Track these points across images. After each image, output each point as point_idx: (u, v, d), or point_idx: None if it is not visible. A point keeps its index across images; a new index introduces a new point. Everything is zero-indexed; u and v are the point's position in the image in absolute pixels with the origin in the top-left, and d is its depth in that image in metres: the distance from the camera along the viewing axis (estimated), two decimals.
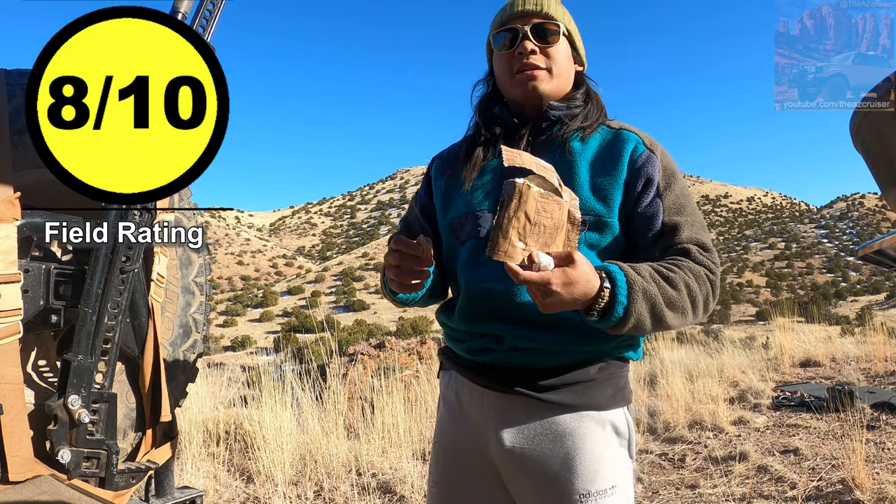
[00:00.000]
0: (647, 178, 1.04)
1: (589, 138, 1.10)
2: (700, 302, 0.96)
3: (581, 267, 0.82)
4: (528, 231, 0.81)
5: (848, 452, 3.07)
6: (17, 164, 1.35)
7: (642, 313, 0.88)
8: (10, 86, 1.38)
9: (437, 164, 1.27)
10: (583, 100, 1.15)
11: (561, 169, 1.03)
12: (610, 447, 1.02)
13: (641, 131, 1.11)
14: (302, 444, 3.53)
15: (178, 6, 1.42)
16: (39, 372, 1.60)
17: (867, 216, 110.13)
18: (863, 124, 1.07)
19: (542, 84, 1.10)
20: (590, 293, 0.84)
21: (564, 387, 1.02)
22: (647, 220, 1.03)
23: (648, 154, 1.06)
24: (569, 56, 1.13)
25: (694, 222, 1.04)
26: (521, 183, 0.80)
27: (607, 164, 1.06)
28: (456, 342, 1.13)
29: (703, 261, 0.99)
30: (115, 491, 1.39)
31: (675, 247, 1.01)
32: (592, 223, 1.03)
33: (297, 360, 7.30)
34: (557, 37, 1.10)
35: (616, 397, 1.05)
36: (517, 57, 1.10)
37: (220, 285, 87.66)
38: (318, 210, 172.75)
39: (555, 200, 0.83)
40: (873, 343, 7.20)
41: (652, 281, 0.91)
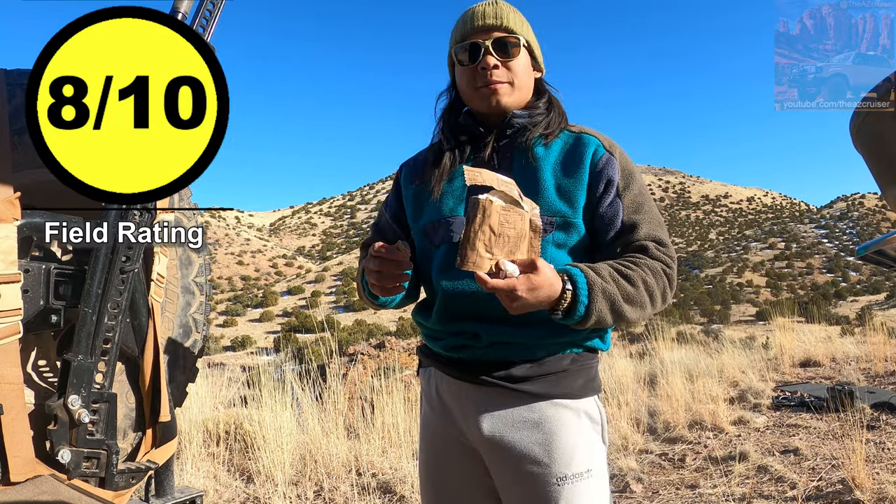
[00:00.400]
0: (607, 180, 1.10)
1: (552, 143, 1.15)
2: (658, 295, 1.04)
3: (544, 272, 0.90)
4: (494, 242, 0.88)
5: (848, 452, 3.07)
6: (17, 164, 1.35)
7: (602, 310, 0.96)
8: (10, 86, 1.38)
9: (405, 171, 1.30)
10: (545, 107, 1.19)
11: (526, 174, 1.11)
12: (584, 433, 1.08)
13: (601, 133, 1.16)
14: (302, 444, 3.53)
15: (178, 6, 1.42)
16: (39, 372, 1.60)
17: (867, 216, 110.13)
18: (863, 124, 1.07)
19: (505, 97, 1.14)
20: (553, 295, 0.92)
21: (539, 377, 1.08)
22: (608, 220, 1.10)
23: (608, 156, 1.12)
24: (529, 66, 1.17)
25: (651, 220, 1.11)
26: (483, 199, 0.87)
27: (570, 168, 1.12)
28: (434, 340, 1.18)
29: (659, 256, 1.07)
30: (115, 491, 1.39)
31: (634, 244, 1.08)
32: (559, 224, 1.09)
33: (297, 360, 7.30)
34: (518, 49, 1.13)
35: (587, 386, 1.12)
36: (480, 72, 1.13)
37: (220, 285, 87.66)
38: (318, 210, 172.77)
39: (516, 212, 0.90)
40: (873, 343, 7.20)
41: (611, 280, 0.98)
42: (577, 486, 1.05)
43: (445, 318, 1.14)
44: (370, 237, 1.35)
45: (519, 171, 1.12)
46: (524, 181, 1.09)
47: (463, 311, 1.11)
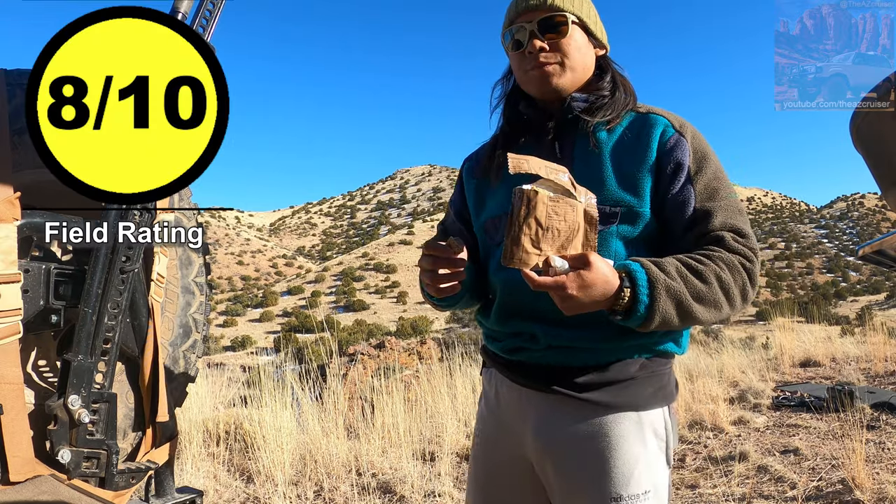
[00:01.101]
0: (676, 163, 1.00)
1: (616, 126, 1.06)
2: (735, 293, 0.93)
3: (597, 268, 0.82)
4: (541, 236, 0.81)
5: (848, 452, 3.07)
6: (17, 164, 1.35)
7: (667, 310, 0.87)
8: (10, 86, 1.38)
9: (468, 165, 1.25)
10: (609, 88, 1.10)
11: (588, 161, 1.03)
12: (646, 450, 0.99)
13: (671, 113, 1.07)
14: (302, 444, 3.52)
15: (178, 6, 1.42)
16: (39, 372, 1.60)
17: (867, 216, 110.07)
18: (863, 124, 1.07)
19: (556, 79, 1.06)
20: (608, 293, 0.84)
21: (602, 385, 0.99)
22: (678, 208, 1.00)
23: (678, 137, 1.02)
24: (583, 45, 1.08)
25: (728, 206, 0.99)
26: (528, 189, 0.80)
27: (635, 151, 1.02)
28: (492, 341, 1.12)
29: (737, 248, 0.95)
30: (115, 491, 1.39)
31: (709, 234, 0.97)
32: (623, 214, 0.99)
33: (297, 360, 7.31)
34: (566, 28, 1.05)
35: (657, 396, 1.02)
36: (527, 56, 1.07)
37: (220, 285, 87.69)
38: (318, 210, 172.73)
39: (567, 202, 0.82)
40: (873, 343, 7.20)
41: (678, 276, 0.89)
42: None
43: (503, 318, 1.07)
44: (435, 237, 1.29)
45: (580, 158, 1.05)
46: (585, 169, 1.02)
47: (520, 310, 1.04)
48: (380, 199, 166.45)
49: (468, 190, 1.22)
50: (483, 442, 1.15)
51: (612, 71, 1.13)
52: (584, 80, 1.10)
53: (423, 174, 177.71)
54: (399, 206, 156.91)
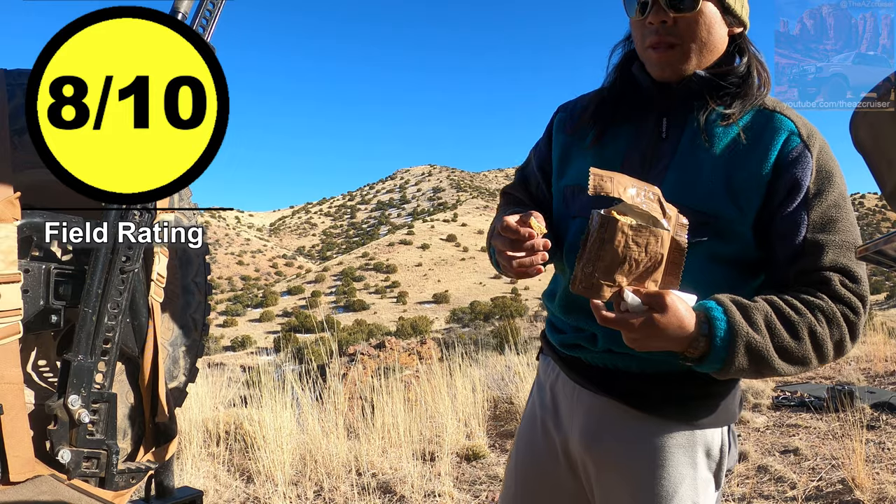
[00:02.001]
0: (794, 181, 0.86)
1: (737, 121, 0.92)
2: (829, 349, 0.81)
3: (673, 312, 0.73)
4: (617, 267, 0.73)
5: (848, 452, 3.07)
6: (17, 164, 1.35)
7: (743, 365, 0.77)
8: (10, 86, 1.38)
9: (560, 116, 1.10)
10: (742, 74, 0.95)
11: (694, 154, 0.91)
12: (695, 470, 0.92)
13: (801, 117, 0.94)
14: (302, 444, 3.52)
15: (178, 6, 1.42)
16: (39, 372, 1.60)
17: (867, 216, 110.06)
18: (863, 124, 1.07)
19: (676, 63, 0.92)
20: (682, 339, 0.75)
21: (660, 399, 0.92)
22: (785, 234, 0.86)
23: (802, 149, 0.88)
24: (715, 23, 0.92)
25: (843, 242, 0.85)
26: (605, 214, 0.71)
27: (751, 157, 0.88)
28: (554, 331, 1.05)
29: (843, 296, 0.83)
30: (115, 491, 1.39)
31: (814, 273, 0.84)
32: (719, 228, 0.87)
33: (297, 360, 7.31)
34: (698, 2, 0.89)
35: (717, 415, 0.94)
36: (648, 28, 0.91)
37: (220, 285, 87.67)
38: (318, 210, 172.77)
39: (650, 232, 0.73)
40: (873, 343, 7.20)
41: (765, 328, 0.78)
42: None
43: (566, 307, 0.99)
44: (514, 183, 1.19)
45: (687, 150, 0.92)
46: (689, 164, 0.90)
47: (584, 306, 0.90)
48: (380, 199, 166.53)
49: (556, 144, 1.08)
50: (530, 431, 1.09)
51: (749, 54, 0.98)
52: (710, 62, 0.95)
53: (423, 174, 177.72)
54: (399, 206, 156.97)
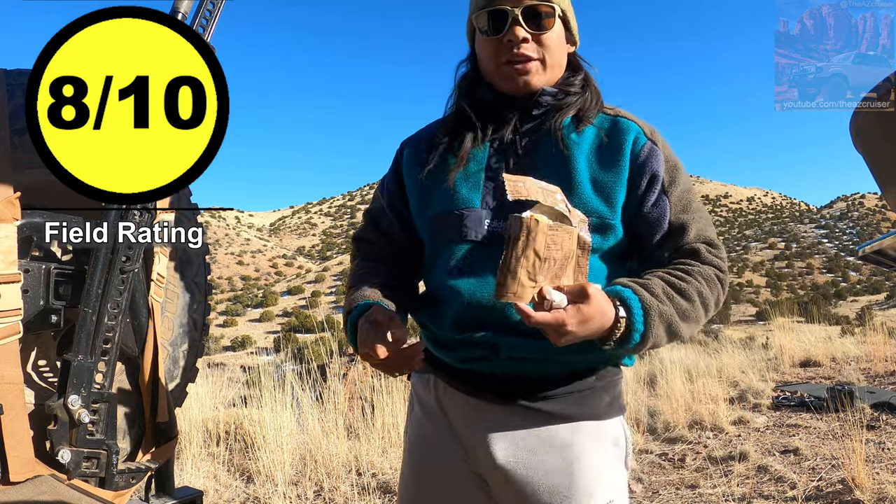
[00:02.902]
0: (651, 174, 0.96)
1: (586, 128, 0.99)
2: (712, 305, 0.93)
3: (596, 301, 0.78)
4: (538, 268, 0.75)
5: (848, 452, 3.07)
6: (17, 164, 1.35)
7: (659, 334, 0.85)
8: (10, 86, 1.38)
9: (409, 151, 1.11)
10: (580, 86, 1.03)
11: (557, 164, 0.97)
12: (607, 460, 0.98)
13: (640, 119, 1.02)
14: (302, 444, 3.53)
15: (178, 6, 1.42)
16: (39, 372, 1.60)
17: (867, 216, 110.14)
18: (863, 124, 1.07)
19: (535, 78, 0.98)
20: (605, 325, 0.80)
21: (563, 396, 0.96)
22: (653, 221, 0.96)
23: (651, 146, 0.97)
24: (563, 40, 1.01)
25: (701, 218, 0.98)
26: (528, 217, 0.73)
27: (608, 159, 0.97)
28: (443, 349, 1.02)
29: (712, 260, 0.95)
30: (115, 491, 1.39)
31: (684, 247, 0.96)
32: (595, 225, 0.94)
33: (297, 360, 7.30)
34: (553, 20, 0.97)
35: (613, 406, 1.01)
36: (505, 45, 0.97)
37: (220, 285, 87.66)
38: (318, 210, 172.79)
39: (565, 230, 0.77)
40: (873, 343, 7.21)
41: (666, 298, 0.87)
42: None
43: (461, 327, 0.98)
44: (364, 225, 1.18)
45: (548, 161, 0.98)
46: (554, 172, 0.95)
47: (481, 320, 0.95)
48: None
49: (409, 180, 1.08)
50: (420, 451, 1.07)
51: (583, 70, 1.06)
52: (557, 77, 1.03)
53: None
54: None
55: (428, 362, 1.06)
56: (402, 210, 1.11)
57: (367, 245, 1.17)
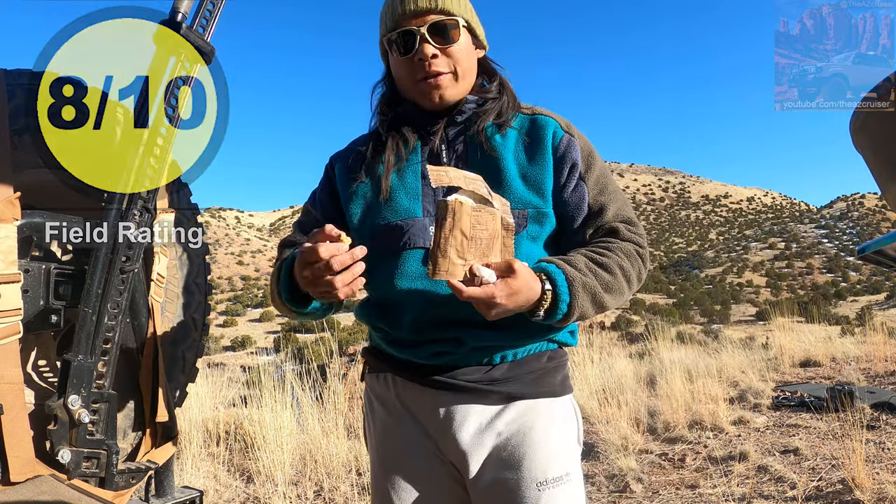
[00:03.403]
0: (571, 163, 1.05)
1: (507, 129, 1.07)
2: (634, 278, 1.01)
3: (522, 275, 0.84)
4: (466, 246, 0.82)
5: (848, 452, 3.07)
6: (17, 164, 1.35)
7: (585, 305, 0.92)
8: (10, 86, 1.38)
9: (339, 166, 1.14)
10: (497, 90, 1.10)
11: (487, 165, 1.03)
12: (562, 434, 1.04)
13: (554, 113, 1.10)
14: (302, 444, 3.53)
15: (178, 6, 1.42)
16: (39, 372, 1.60)
17: (867, 216, 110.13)
18: (863, 124, 1.07)
19: (449, 90, 1.04)
20: (532, 298, 0.87)
21: (519, 378, 1.03)
22: (574, 205, 1.05)
23: (568, 138, 1.06)
24: (470, 48, 1.06)
25: (617, 199, 1.06)
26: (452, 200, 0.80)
27: (532, 154, 1.05)
28: (401, 348, 1.06)
29: (630, 237, 1.03)
30: (115, 491, 1.39)
31: (604, 227, 1.04)
32: (532, 216, 1.02)
33: (297, 360, 7.30)
34: (458, 32, 1.02)
35: (564, 384, 1.08)
36: (417, 63, 1.02)
37: (220, 285, 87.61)
38: None
39: (487, 211, 0.84)
40: (873, 343, 7.21)
41: (588, 272, 0.94)
42: (556, 491, 0.99)
43: (421, 329, 1.02)
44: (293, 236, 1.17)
45: (478, 163, 1.04)
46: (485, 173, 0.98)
47: (443, 319, 1.00)
48: None
49: (344, 194, 1.11)
50: (388, 448, 1.09)
51: (496, 73, 1.12)
52: (471, 84, 1.08)
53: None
54: None
55: (383, 361, 1.11)
56: (336, 220, 1.11)
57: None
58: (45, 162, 1.43)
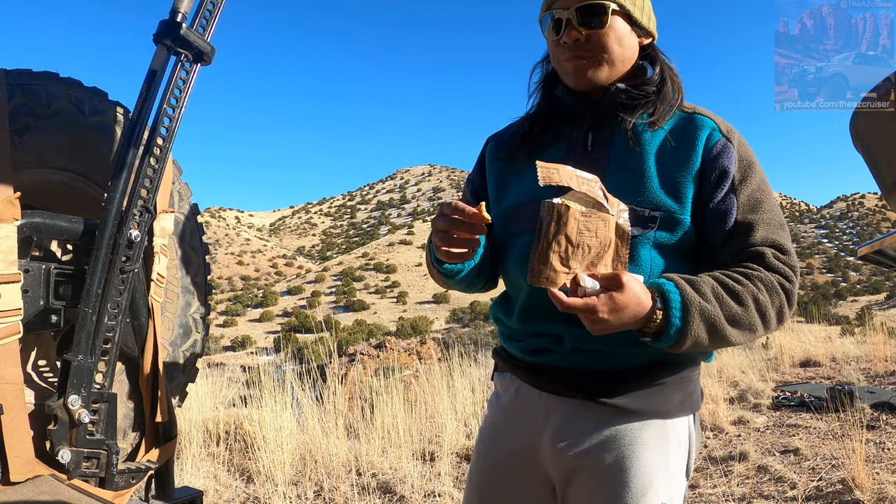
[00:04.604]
0: (721, 171, 0.95)
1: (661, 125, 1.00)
2: (771, 315, 0.89)
3: (630, 289, 0.77)
4: (571, 253, 0.76)
5: (848, 452, 3.07)
6: (17, 164, 1.35)
7: (700, 334, 0.83)
8: (10, 86, 1.38)
9: (492, 145, 1.17)
10: (657, 82, 1.03)
11: (627, 160, 0.98)
12: (668, 460, 0.96)
13: (718, 116, 1.01)
14: (302, 444, 3.53)
15: (178, 6, 1.42)
16: (39, 372, 1.60)
17: (867, 216, 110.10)
18: (863, 124, 1.07)
19: (592, 73, 1.00)
20: (640, 315, 0.79)
21: (629, 391, 0.95)
22: (718, 218, 0.94)
23: (725, 142, 0.96)
24: (624, 36, 1.01)
25: (771, 220, 0.94)
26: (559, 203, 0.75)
27: (679, 154, 0.97)
28: (512, 342, 1.05)
29: (777, 267, 0.91)
30: (115, 491, 1.39)
31: (748, 250, 0.92)
32: (662, 220, 0.93)
33: (296, 360, 7.30)
34: (606, 18, 0.98)
35: (684, 404, 0.99)
36: (563, 46, 1.00)
37: (220, 285, 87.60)
38: (318, 210, 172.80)
39: (599, 217, 0.78)
40: (873, 343, 7.21)
41: (713, 298, 0.84)
42: None
43: (527, 317, 1.01)
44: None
45: (619, 157, 0.99)
46: (624, 169, 0.97)
47: (546, 311, 0.95)
48: (380, 199, 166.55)
49: (490, 172, 1.14)
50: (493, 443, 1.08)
51: (660, 63, 1.06)
52: (623, 72, 1.03)
53: (423, 174, 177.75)
54: (399, 206, 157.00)
55: (502, 359, 1.10)
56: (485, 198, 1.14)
57: None
58: (45, 162, 1.43)
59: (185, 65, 1.46)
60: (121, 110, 1.60)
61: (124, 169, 1.39)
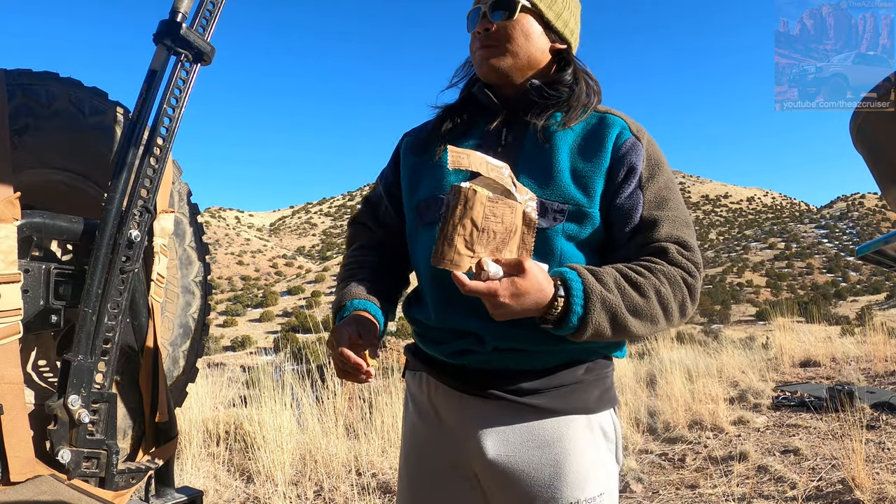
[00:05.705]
0: (629, 167, 0.97)
1: (573, 124, 1.03)
2: (674, 308, 0.91)
3: (532, 275, 0.79)
4: (476, 238, 0.77)
5: (848, 452, 3.08)
6: (17, 164, 1.35)
7: (601, 322, 0.84)
8: (10, 86, 1.38)
9: (406, 140, 1.18)
10: (569, 83, 1.06)
11: (539, 154, 1.00)
12: (598, 452, 0.99)
13: (628, 117, 1.04)
14: (302, 444, 3.53)
15: (178, 6, 1.42)
16: (39, 372, 1.60)
17: (867, 216, 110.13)
18: (863, 124, 1.07)
19: (495, 61, 1.03)
20: (542, 302, 0.81)
21: (550, 389, 0.97)
22: (624, 213, 0.97)
23: (634, 141, 0.99)
24: (532, 33, 1.04)
25: (676, 218, 0.97)
26: (466, 187, 0.76)
27: (589, 150, 0.99)
28: (432, 344, 1.04)
29: (680, 262, 0.93)
30: (115, 491, 1.39)
31: (652, 245, 0.95)
32: (571, 213, 0.96)
33: (296, 360, 7.30)
34: (514, 11, 1.02)
35: (603, 399, 1.01)
36: (476, 37, 1.05)
37: (220, 285, 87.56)
38: (318, 210, 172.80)
39: (506, 204, 0.79)
40: (873, 343, 7.21)
41: (615, 288, 0.86)
42: None
43: (441, 314, 1.00)
44: (362, 210, 1.24)
45: (531, 151, 1.01)
46: (536, 162, 0.99)
47: (459, 304, 0.96)
48: None
49: (404, 167, 1.15)
50: (418, 450, 1.08)
51: (574, 67, 1.09)
52: (528, 68, 1.06)
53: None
54: None
55: (419, 360, 1.09)
56: (397, 195, 1.16)
57: (364, 230, 1.24)
58: (45, 162, 1.43)
59: (185, 65, 1.46)
60: (121, 110, 1.60)
61: (124, 169, 1.39)
